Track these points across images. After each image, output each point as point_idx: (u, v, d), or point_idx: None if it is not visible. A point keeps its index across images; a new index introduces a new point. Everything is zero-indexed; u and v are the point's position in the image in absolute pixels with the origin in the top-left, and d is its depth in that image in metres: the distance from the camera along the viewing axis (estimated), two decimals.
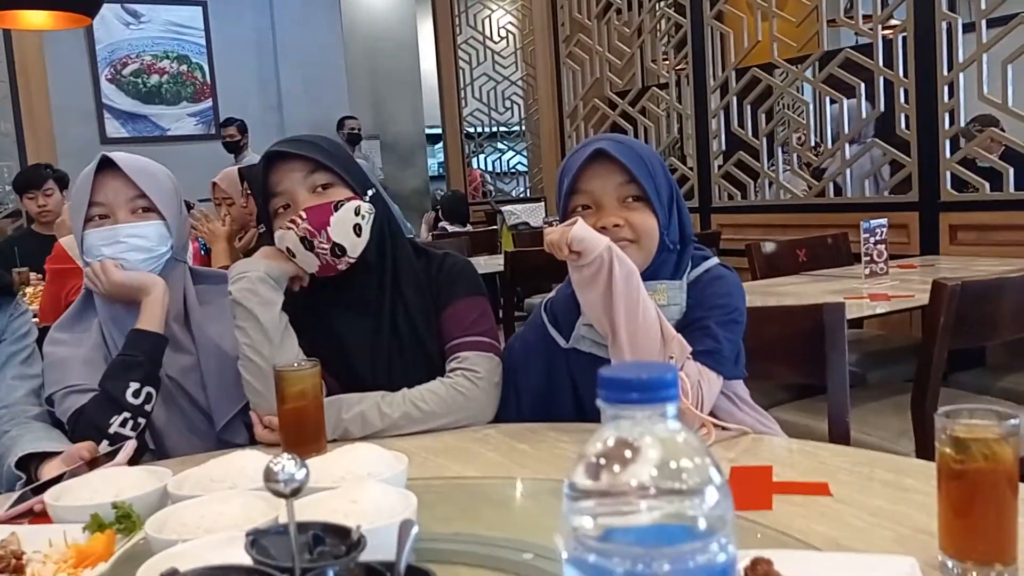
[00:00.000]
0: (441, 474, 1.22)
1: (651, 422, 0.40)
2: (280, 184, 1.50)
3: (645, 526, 0.38)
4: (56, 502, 0.96)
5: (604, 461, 0.40)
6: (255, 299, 1.46)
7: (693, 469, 0.40)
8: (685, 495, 0.39)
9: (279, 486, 0.59)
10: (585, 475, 0.40)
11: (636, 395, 0.40)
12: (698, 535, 0.38)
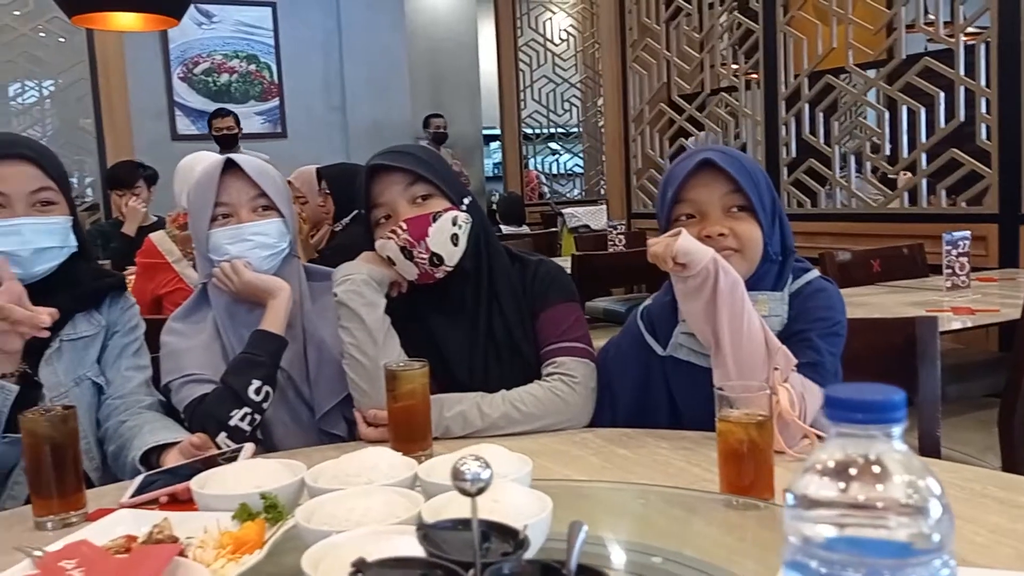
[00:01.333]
0: (545, 476, 1.25)
1: (878, 441, 0.42)
2: (382, 195, 1.55)
3: (868, 538, 0.41)
4: (202, 490, 1.02)
5: (829, 474, 0.43)
6: (360, 300, 1.51)
7: (917, 487, 0.42)
8: (909, 511, 0.41)
9: (466, 484, 0.63)
10: (810, 486, 0.43)
11: (862, 415, 0.42)
12: (920, 551, 0.40)
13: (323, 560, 0.78)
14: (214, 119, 5.89)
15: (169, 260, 2.83)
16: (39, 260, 1.42)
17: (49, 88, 5.66)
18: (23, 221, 1.40)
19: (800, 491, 0.43)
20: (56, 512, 1.13)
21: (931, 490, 0.42)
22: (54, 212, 1.45)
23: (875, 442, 0.42)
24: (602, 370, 1.56)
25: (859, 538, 0.41)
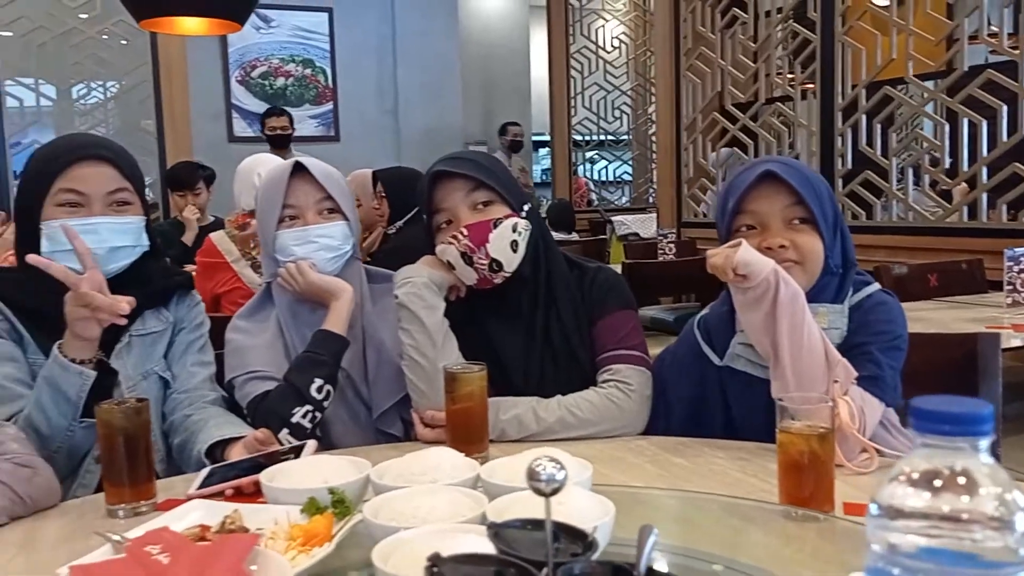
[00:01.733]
0: (602, 482, 1.26)
1: (965, 453, 0.43)
2: (444, 201, 1.58)
3: (952, 550, 0.41)
4: (271, 483, 1.05)
5: (915, 485, 0.43)
6: (420, 303, 1.53)
7: (1004, 501, 0.42)
8: (996, 525, 0.42)
9: (540, 485, 0.64)
10: (896, 496, 0.44)
11: (950, 427, 0.43)
12: (1005, 564, 0.41)
13: (392, 555, 0.80)
14: (268, 118, 5.77)
15: (228, 260, 2.89)
16: (114, 258, 1.47)
17: (113, 89, 5.82)
18: (100, 220, 1.45)
19: (885, 501, 0.44)
20: (128, 501, 1.18)
21: (1018, 504, 0.43)
22: (129, 212, 1.50)
23: (962, 454, 0.43)
24: (657, 378, 1.57)
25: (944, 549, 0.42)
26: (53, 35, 5.33)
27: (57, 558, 1.05)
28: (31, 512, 1.19)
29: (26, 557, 1.07)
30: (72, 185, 1.45)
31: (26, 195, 1.48)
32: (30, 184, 1.48)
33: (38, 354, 1.43)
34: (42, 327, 1.44)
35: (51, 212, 1.45)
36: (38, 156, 1.52)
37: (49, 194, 1.45)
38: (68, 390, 1.35)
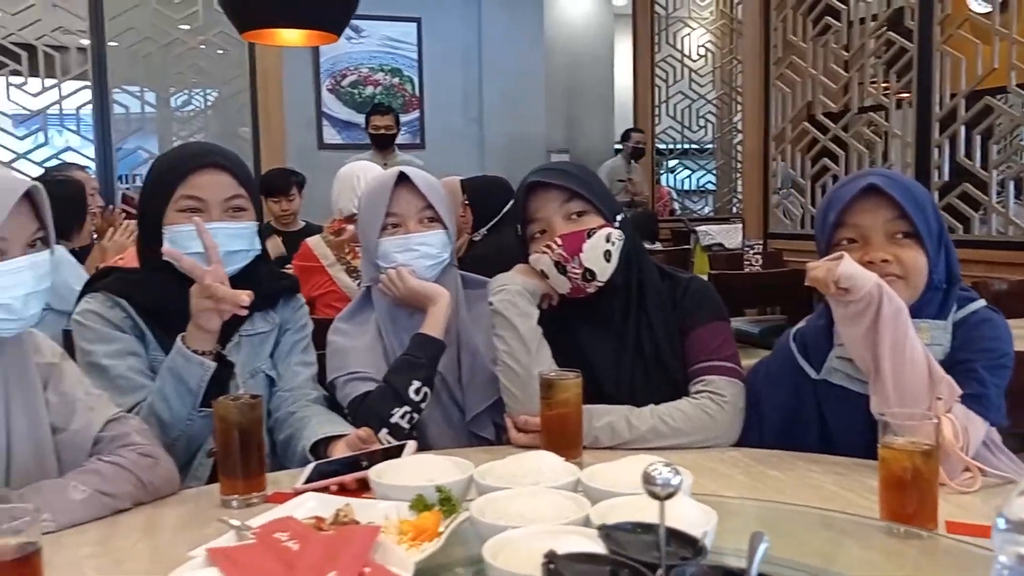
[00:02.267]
0: (695, 491, 1.27)
1: None
2: (538, 211, 1.61)
3: None
4: (380, 480, 1.09)
5: None
6: (515, 310, 1.56)
7: None
8: None
9: (656, 489, 0.66)
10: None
11: None
12: None
13: (501, 552, 0.83)
14: (372, 116, 5.42)
15: (324, 264, 2.98)
16: (229, 261, 1.54)
17: (211, 98, 6.04)
18: (218, 226, 1.52)
19: (1015, 515, 0.45)
20: (241, 492, 1.24)
21: None
22: (244, 218, 1.58)
23: None
24: (751, 391, 1.57)
25: None
26: (158, 46, 5.57)
27: (176, 542, 1.12)
28: (152, 499, 1.26)
29: (149, 541, 1.14)
30: (192, 192, 1.53)
31: (149, 201, 1.57)
32: (153, 191, 1.57)
33: (158, 350, 1.52)
34: (162, 325, 1.52)
35: (172, 217, 1.53)
36: (160, 164, 1.61)
37: (171, 200, 1.54)
38: (190, 380, 1.42)
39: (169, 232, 1.53)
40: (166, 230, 1.53)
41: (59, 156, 5.38)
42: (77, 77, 5.39)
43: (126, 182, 6.12)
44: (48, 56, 5.29)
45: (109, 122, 5.47)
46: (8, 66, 5.18)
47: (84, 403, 1.29)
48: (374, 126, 5.41)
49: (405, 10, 7.90)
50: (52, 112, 5.34)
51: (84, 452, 1.25)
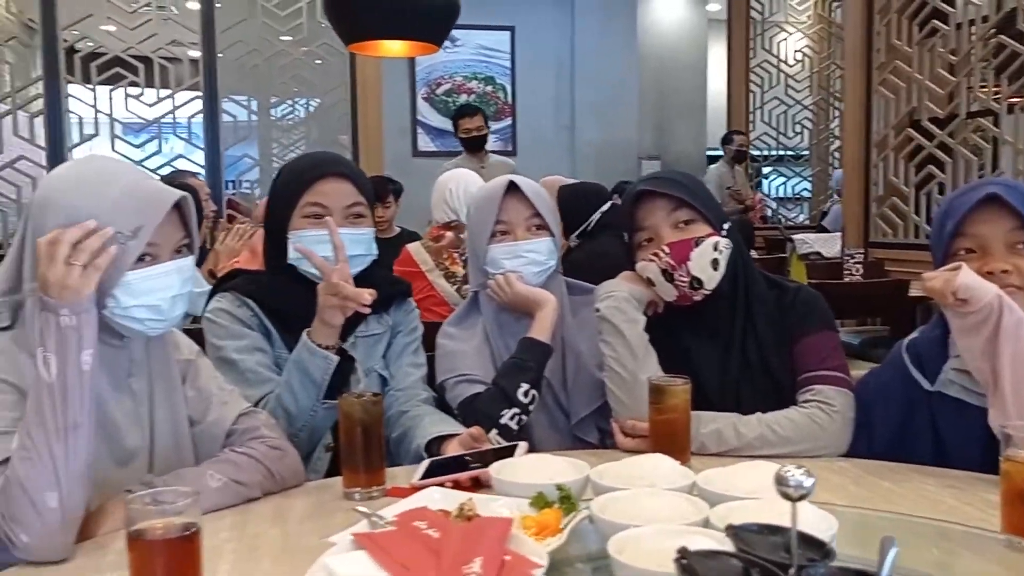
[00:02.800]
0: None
1: None
2: (646, 219, 1.63)
3: None
4: (500, 476, 1.14)
5: None
6: (621, 316, 1.59)
7: None
8: None
9: (789, 490, 0.68)
10: None
11: None
12: None
13: (625, 548, 0.86)
14: (461, 119, 5.26)
15: (423, 269, 3.06)
16: (350, 265, 1.60)
17: (311, 107, 6.24)
18: (339, 231, 1.59)
19: None
20: (363, 485, 1.30)
21: None
22: (363, 224, 1.65)
23: None
24: (860, 401, 1.55)
25: None
26: (264, 57, 5.79)
27: (304, 531, 1.19)
28: (279, 489, 1.33)
29: (279, 528, 1.21)
30: (317, 199, 1.61)
31: (276, 208, 1.66)
32: (280, 198, 1.66)
33: (282, 348, 1.60)
34: (286, 325, 1.61)
35: (298, 223, 1.62)
36: (286, 173, 1.70)
37: (297, 207, 1.62)
38: (314, 372, 1.50)
39: (294, 237, 1.61)
40: (292, 235, 1.61)
41: (171, 163, 5.65)
42: (189, 88, 5.65)
43: (231, 188, 6.38)
44: (163, 68, 5.56)
45: (218, 130, 5.71)
46: (127, 78, 5.47)
47: (218, 397, 1.37)
48: (464, 129, 5.27)
49: (499, 19, 8.00)
50: (165, 121, 5.61)
51: (218, 443, 1.34)
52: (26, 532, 1.07)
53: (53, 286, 1.12)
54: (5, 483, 1.08)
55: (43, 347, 1.11)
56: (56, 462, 1.08)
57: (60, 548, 1.09)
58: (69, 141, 5.40)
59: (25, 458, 1.08)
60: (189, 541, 0.86)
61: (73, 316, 1.12)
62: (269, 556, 1.10)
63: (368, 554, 0.74)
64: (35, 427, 1.09)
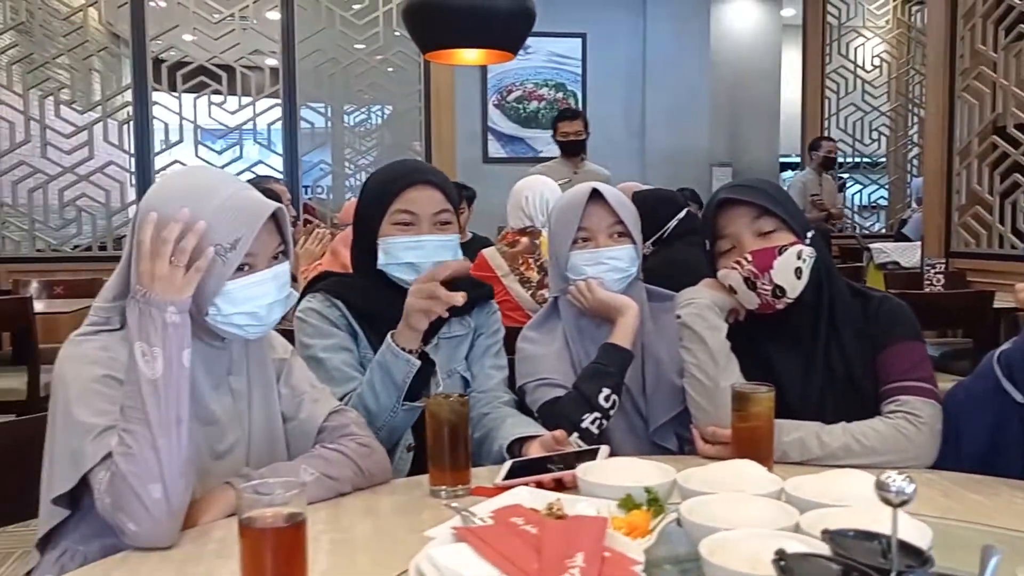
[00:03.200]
0: None
1: None
2: (727, 227, 1.63)
3: None
4: (587, 478, 1.16)
5: None
6: (703, 323, 1.59)
7: None
8: None
9: (890, 496, 0.69)
10: None
11: None
12: None
13: (717, 551, 0.87)
14: (560, 122, 5.07)
15: (498, 274, 3.09)
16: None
17: (386, 113, 6.36)
18: (428, 238, 1.65)
19: None
20: (449, 484, 1.33)
21: None
22: (450, 231, 1.69)
23: None
24: (948, 413, 1.53)
25: None
26: (341, 65, 5.92)
27: (395, 525, 1.23)
28: (368, 485, 1.38)
29: (370, 522, 1.25)
30: (406, 207, 1.66)
31: (366, 214, 1.71)
32: (369, 205, 1.71)
33: (368, 349, 1.65)
34: (373, 326, 1.66)
35: (387, 229, 1.67)
36: (375, 181, 1.75)
37: (387, 214, 1.67)
38: (396, 375, 1.55)
39: (383, 243, 1.66)
40: (381, 241, 1.66)
41: (251, 169, 5.81)
42: (270, 95, 5.80)
43: (308, 193, 6.53)
44: (244, 76, 5.73)
45: (296, 136, 5.85)
46: (210, 86, 5.66)
47: (310, 395, 1.42)
48: (562, 132, 5.05)
49: (571, 27, 8.03)
50: (245, 128, 5.79)
51: (310, 439, 1.39)
52: (134, 522, 1.11)
53: (158, 281, 1.17)
54: (112, 476, 1.13)
55: (146, 343, 1.15)
56: (160, 455, 1.12)
57: (166, 536, 1.13)
58: (154, 147, 5.61)
59: (128, 454, 1.12)
60: (296, 529, 0.90)
61: (178, 315, 1.17)
62: (364, 548, 1.14)
63: (470, 546, 0.77)
64: (137, 423, 1.13)
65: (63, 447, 1.19)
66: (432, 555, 0.77)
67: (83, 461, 1.16)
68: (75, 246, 5.63)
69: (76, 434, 1.18)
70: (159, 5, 5.63)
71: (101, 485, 1.15)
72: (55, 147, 5.42)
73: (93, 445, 1.16)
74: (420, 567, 0.77)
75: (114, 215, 5.63)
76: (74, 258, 5.52)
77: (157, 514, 1.12)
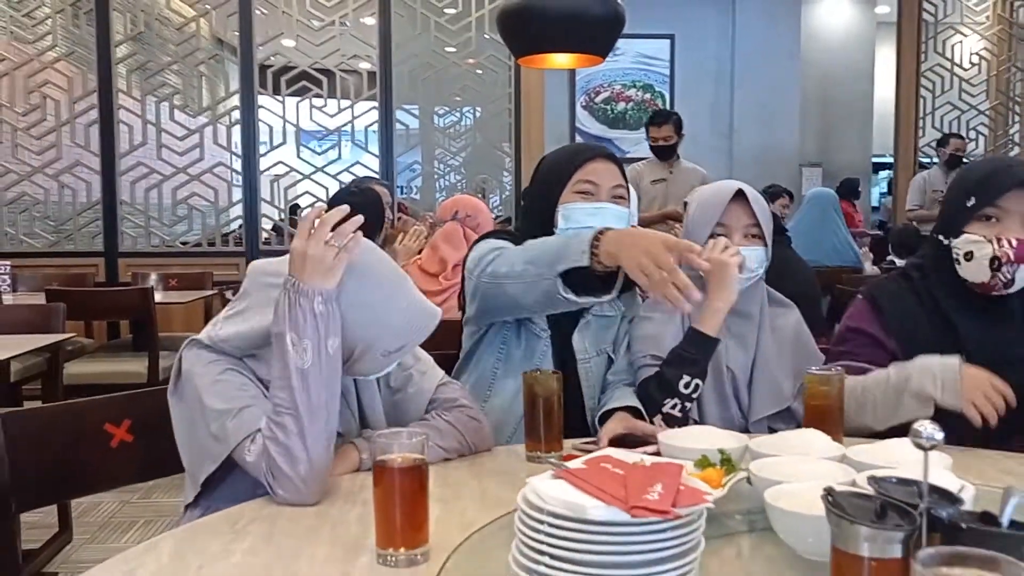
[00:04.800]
0: None
1: None
2: (1008, 203, 1.62)
3: None
4: (668, 441, 1.31)
5: None
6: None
7: None
8: None
9: (921, 440, 0.81)
10: None
11: None
12: None
13: (779, 499, 1.00)
14: (651, 125, 5.19)
15: None
16: None
17: (475, 114, 6.55)
18: (607, 205, 1.79)
19: None
20: (543, 451, 1.48)
21: None
22: (623, 203, 1.82)
23: None
24: None
25: None
26: (435, 70, 6.15)
27: (498, 484, 1.38)
28: (470, 454, 1.53)
29: (476, 482, 1.41)
30: (589, 177, 1.80)
31: (546, 187, 1.83)
32: (551, 176, 1.84)
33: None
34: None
35: (568, 197, 1.80)
36: (554, 158, 1.90)
37: (568, 183, 1.80)
38: (569, 256, 1.57)
39: (564, 209, 1.79)
40: (562, 208, 1.79)
41: (349, 170, 6.09)
42: (367, 98, 6.07)
43: (402, 193, 6.79)
44: (343, 80, 6.01)
45: (391, 138, 6.11)
46: (312, 90, 5.95)
47: (417, 368, 1.58)
48: (652, 137, 5.17)
49: (659, 28, 8.12)
50: (344, 129, 6.07)
51: (422, 409, 1.54)
52: (283, 489, 1.26)
53: (310, 260, 1.26)
54: (264, 452, 1.26)
55: (296, 333, 1.24)
56: (306, 441, 1.24)
57: (310, 498, 1.28)
58: (259, 149, 5.93)
59: (277, 440, 1.24)
60: (420, 470, 1.07)
61: (324, 304, 1.26)
62: (470, 502, 1.30)
63: (567, 482, 0.92)
64: (287, 415, 1.24)
65: (202, 433, 1.32)
66: (535, 486, 0.92)
67: (226, 440, 1.29)
68: (184, 242, 6.01)
69: (213, 419, 1.30)
70: (264, 13, 5.95)
71: (250, 456, 1.28)
72: (169, 148, 5.80)
73: (233, 423, 1.29)
74: (526, 496, 0.92)
75: (222, 212, 5.99)
76: (185, 253, 5.90)
77: (303, 487, 1.26)
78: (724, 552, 1.07)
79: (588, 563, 0.86)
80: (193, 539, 1.17)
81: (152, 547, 1.13)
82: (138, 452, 1.57)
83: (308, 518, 1.23)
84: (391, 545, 1.05)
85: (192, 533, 1.20)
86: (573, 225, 1.77)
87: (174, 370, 1.40)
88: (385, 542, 1.06)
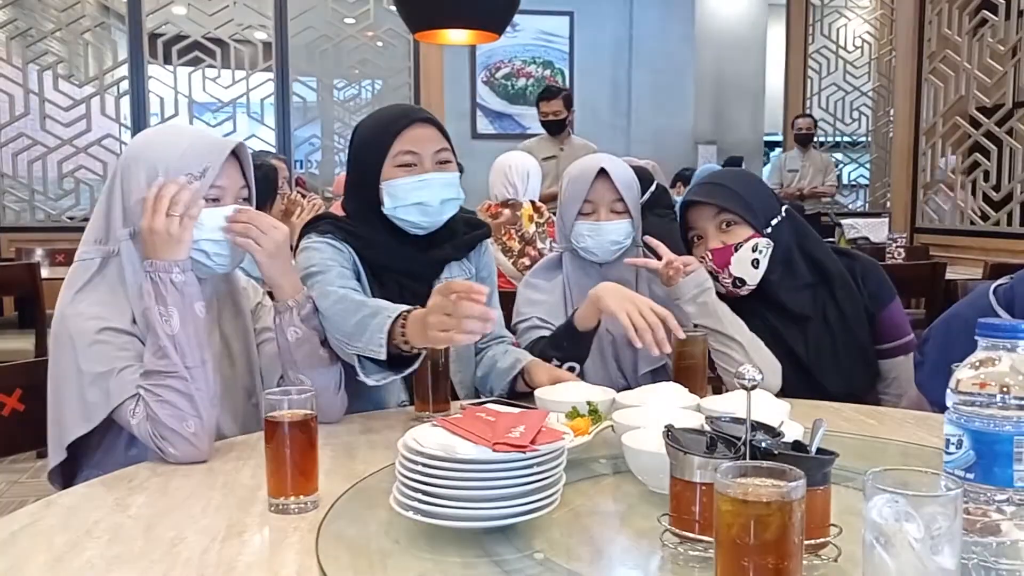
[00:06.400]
0: None
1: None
2: (696, 222, 1.90)
3: None
4: (542, 396, 1.41)
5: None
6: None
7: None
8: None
9: (744, 382, 0.92)
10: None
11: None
12: None
13: (634, 441, 1.12)
14: (540, 101, 5.15)
15: None
16: (444, 210, 1.69)
17: (375, 88, 6.51)
18: (433, 175, 1.65)
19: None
20: (431, 411, 1.56)
21: None
22: (449, 168, 1.70)
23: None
24: (944, 339, 1.63)
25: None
26: (332, 42, 6.09)
27: (386, 438, 1.45)
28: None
29: (366, 437, 1.48)
30: (408, 147, 1.65)
31: (366, 159, 1.69)
32: (369, 149, 1.69)
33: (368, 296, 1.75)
34: (378, 278, 1.71)
35: (390, 172, 1.66)
36: (370, 126, 1.73)
37: (388, 156, 1.66)
38: (370, 342, 1.47)
39: (388, 187, 1.66)
40: (385, 185, 1.66)
41: (245, 142, 5.98)
42: (263, 70, 5.97)
43: (300, 167, 6.72)
44: (237, 51, 5.90)
45: (288, 111, 6.03)
46: (204, 61, 5.82)
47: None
48: (542, 112, 5.13)
49: (559, 5, 8.21)
50: (239, 101, 5.96)
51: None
52: (174, 448, 1.30)
53: (159, 234, 1.31)
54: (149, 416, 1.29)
55: (162, 305, 1.31)
56: (192, 398, 1.30)
57: (202, 456, 1.33)
58: (150, 120, 5.77)
59: (161, 400, 1.28)
60: (308, 424, 1.14)
61: (182, 273, 1.33)
62: (361, 450, 1.39)
63: (443, 429, 1.01)
64: (166, 376, 1.29)
65: (76, 397, 1.32)
66: (415, 433, 1.01)
67: (107, 401, 1.31)
68: (72, 216, 5.81)
69: (91, 383, 1.31)
70: None
71: (134, 418, 1.31)
72: (54, 119, 5.58)
73: (115, 384, 1.31)
74: (405, 442, 1.00)
75: None
76: (72, 228, 5.69)
77: (195, 441, 1.31)
78: (589, 490, 1.18)
79: (458, 497, 0.95)
80: (91, 496, 1.21)
81: (50, 503, 1.18)
82: (31, 420, 1.57)
83: (201, 474, 1.29)
84: (282, 494, 1.12)
85: (89, 489, 1.24)
86: (400, 203, 1.66)
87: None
88: (277, 491, 1.12)
